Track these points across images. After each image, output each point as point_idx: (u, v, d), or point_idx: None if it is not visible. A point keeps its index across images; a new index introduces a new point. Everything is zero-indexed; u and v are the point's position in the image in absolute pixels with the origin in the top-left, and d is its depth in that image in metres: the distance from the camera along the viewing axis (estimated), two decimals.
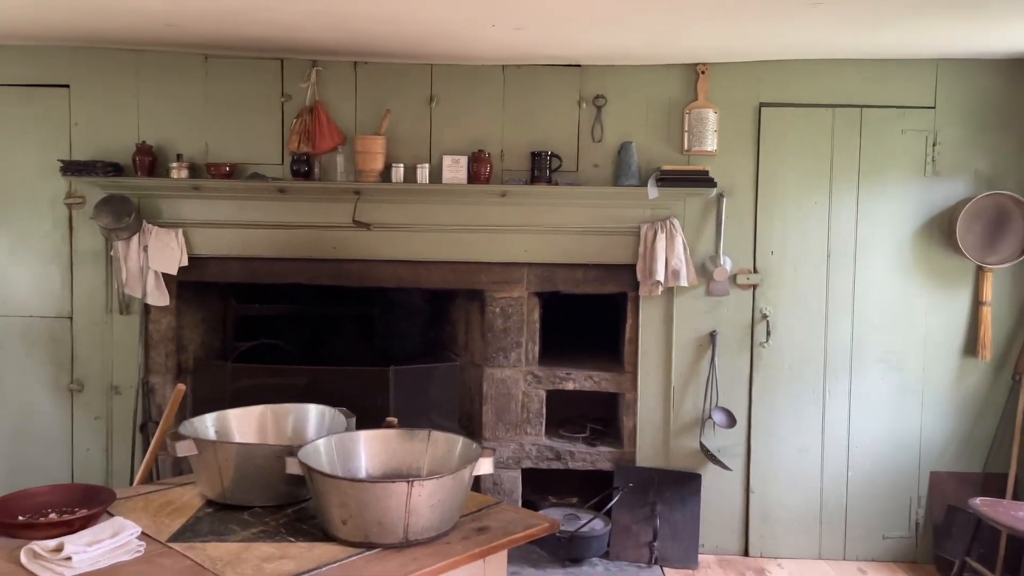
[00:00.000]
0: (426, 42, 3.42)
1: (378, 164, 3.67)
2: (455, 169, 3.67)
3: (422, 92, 3.78)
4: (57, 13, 3.18)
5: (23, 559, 1.48)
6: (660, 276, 3.62)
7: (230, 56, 3.75)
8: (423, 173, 3.67)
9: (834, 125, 3.73)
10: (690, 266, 3.68)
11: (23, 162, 3.80)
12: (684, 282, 3.65)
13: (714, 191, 3.69)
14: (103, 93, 3.77)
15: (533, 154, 3.69)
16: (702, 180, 3.62)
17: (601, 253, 3.77)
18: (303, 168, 3.70)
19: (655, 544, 3.68)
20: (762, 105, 3.74)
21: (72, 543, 1.50)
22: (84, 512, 1.66)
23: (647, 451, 3.82)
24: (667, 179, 3.60)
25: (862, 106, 3.72)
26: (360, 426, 2.06)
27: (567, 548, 3.60)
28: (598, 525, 3.70)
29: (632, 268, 3.75)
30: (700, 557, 3.74)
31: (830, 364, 3.78)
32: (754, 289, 3.78)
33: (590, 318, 4.31)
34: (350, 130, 3.76)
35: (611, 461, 3.84)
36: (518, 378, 3.88)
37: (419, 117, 3.78)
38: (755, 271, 3.77)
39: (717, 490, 3.80)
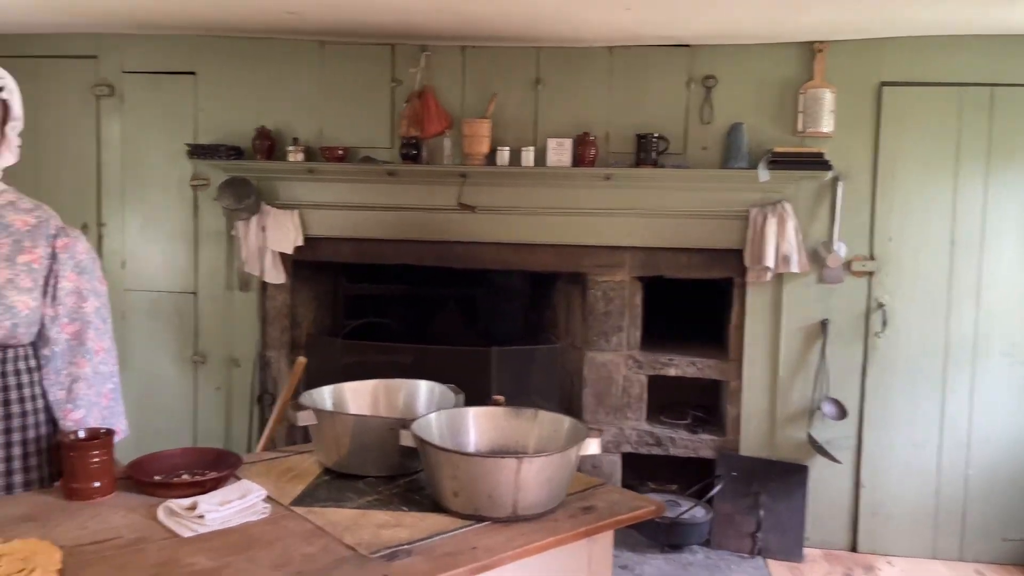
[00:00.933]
0: (533, 24, 3.43)
1: (484, 147, 3.72)
2: (560, 152, 3.67)
3: (528, 75, 3.79)
4: (186, 3, 3.35)
5: (160, 515, 1.59)
6: (769, 262, 3.53)
7: (344, 43, 3.87)
8: (528, 156, 3.69)
9: (961, 105, 3.53)
10: (802, 252, 3.57)
11: (154, 146, 4.04)
12: (795, 268, 3.54)
13: (829, 174, 3.55)
14: (226, 80, 3.96)
15: (639, 136, 3.65)
16: (817, 163, 3.49)
17: (707, 237, 3.70)
18: (412, 151, 3.79)
19: (758, 535, 3.61)
20: (883, 84, 3.57)
21: (205, 502, 1.60)
22: (214, 474, 1.76)
23: (751, 440, 3.75)
24: (779, 162, 3.49)
25: (992, 84, 3.50)
26: (465, 405, 2.11)
27: (667, 534, 3.58)
28: (699, 512, 3.66)
29: (739, 253, 3.66)
30: (805, 550, 3.65)
31: (951, 357, 3.60)
32: (870, 277, 3.63)
33: (691, 303, 4.24)
34: (457, 114, 3.82)
35: (713, 449, 3.79)
36: (619, 362, 3.87)
37: (525, 100, 3.80)
38: (871, 258, 3.62)
39: (824, 483, 3.69)
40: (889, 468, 3.67)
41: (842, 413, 3.65)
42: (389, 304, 4.51)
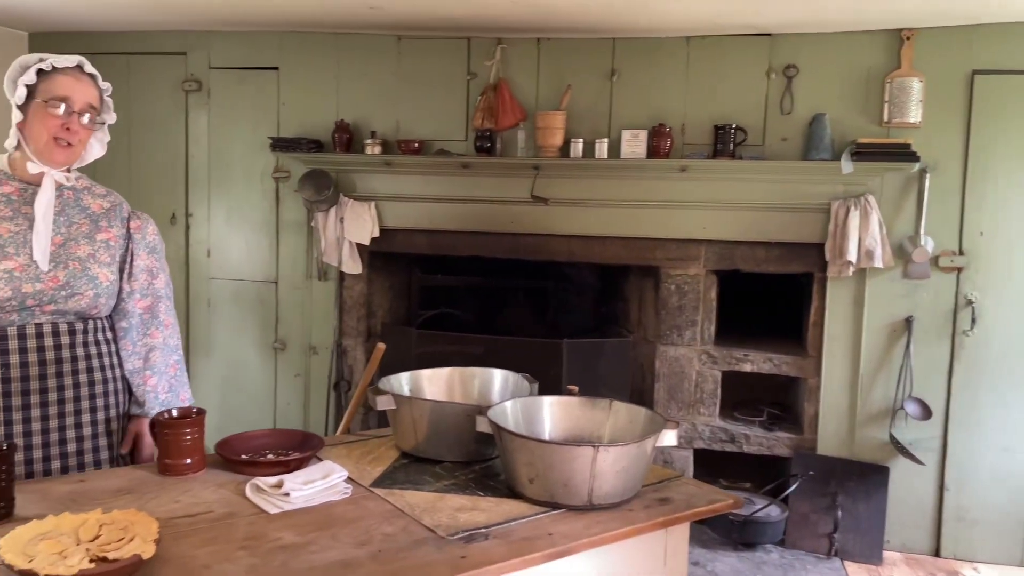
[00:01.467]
0: (610, 15, 3.40)
1: (557, 139, 3.72)
2: (634, 144, 3.64)
3: (603, 66, 3.77)
4: (271, 0, 3.45)
5: (248, 492, 1.65)
6: (852, 256, 3.43)
7: (421, 36, 3.92)
8: (601, 148, 3.67)
9: None
10: (886, 246, 3.46)
11: (238, 138, 4.17)
12: (878, 263, 3.43)
13: (916, 166, 3.43)
14: (307, 74, 4.06)
15: (716, 127, 3.59)
16: (903, 154, 3.37)
17: (786, 231, 3.61)
18: (486, 144, 3.82)
19: (835, 536, 3.52)
20: (975, 73, 3.42)
21: (290, 481, 1.65)
22: (298, 455, 1.82)
23: (829, 439, 3.65)
24: (863, 153, 3.39)
25: None
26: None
27: (740, 531, 3.53)
28: (774, 511, 3.59)
29: (819, 247, 3.57)
30: (885, 553, 3.54)
31: None
32: (959, 272, 3.49)
33: (766, 298, 4.16)
34: (531, 106, 3.83)
35: (789, 447, 3.71)
36: (692, 357, 3.82)
37: (599, 92, 3.78)
38: (960, 253, 3.48)
39: (907, 485, 3.58)
40: (976, 471, 3.53)
41: (927, 413, 3.52)
42: (461, 295, 4.56)
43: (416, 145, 3.86)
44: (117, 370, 2.03)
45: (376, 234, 3.98)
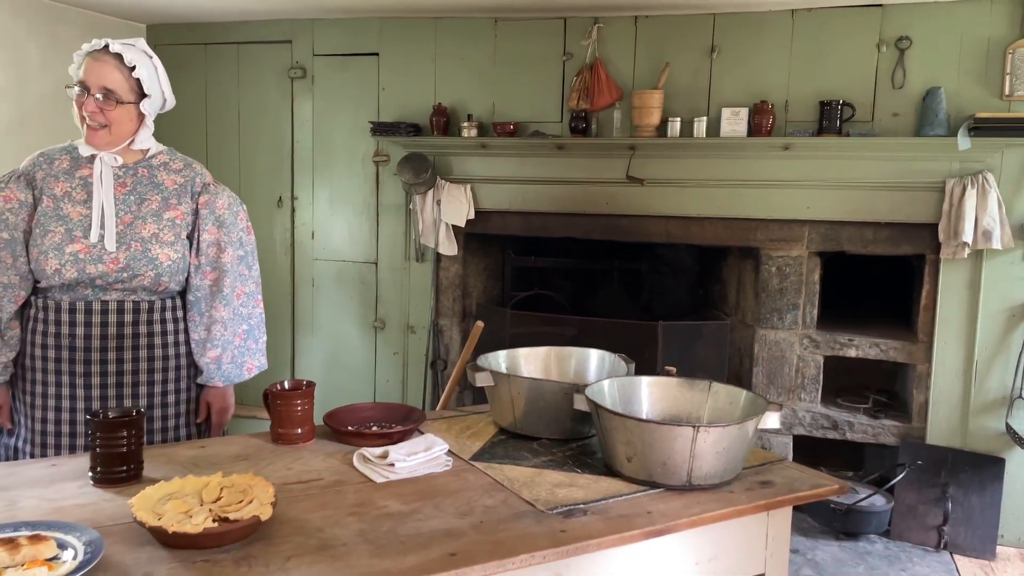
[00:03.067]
0: None
1: (654, 119, 3.67)
2: (734, 122, 3.55)
3: (703, 43, 3.69)
4: None
5: (355, 462, 1.72)
6: (967, 237, 3.25)
7: (517, 19, 3.93)
8: (700, 127, 3.60)
9: None
10: (1005, 226, 3.26)
11: (340, 123, 4.30)
12: (997, 244, 3.24)
13: None
14: (406, 59, 4.14)
15: (822, 104, 3.46)
16: None
17: (896, 210, 3.46)
18: (581, 125, 3.80)
19: (945, 528, 3.38)
20: None
21: (394, 452, 1.71)
22: (401, 428, 1.89)
23: (940, 428, 3.50)
24: (982, 128, 3.20)
25: None
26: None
27: (843, 521, 3.43)
28: (879, 501, 3.47)
29: (932, 227, 3.40)
30: (998, 548, 3.37)
31: None
32: None
33: (872, 281, 4.00)
34: (628, 85, 3.79)
35: (896, 436, 3.57)
36: (793, 341, 3.72)
37: (699, 69, 3.71)
38: None
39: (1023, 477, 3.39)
40: None
41: None
42: (555, 276, 4.57)
43: (511, 127, 3.89)
44: (183, 347, 2.09)
45: (472, 216, 4.03)
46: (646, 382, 1.96)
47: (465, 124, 3.95)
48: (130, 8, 4.09)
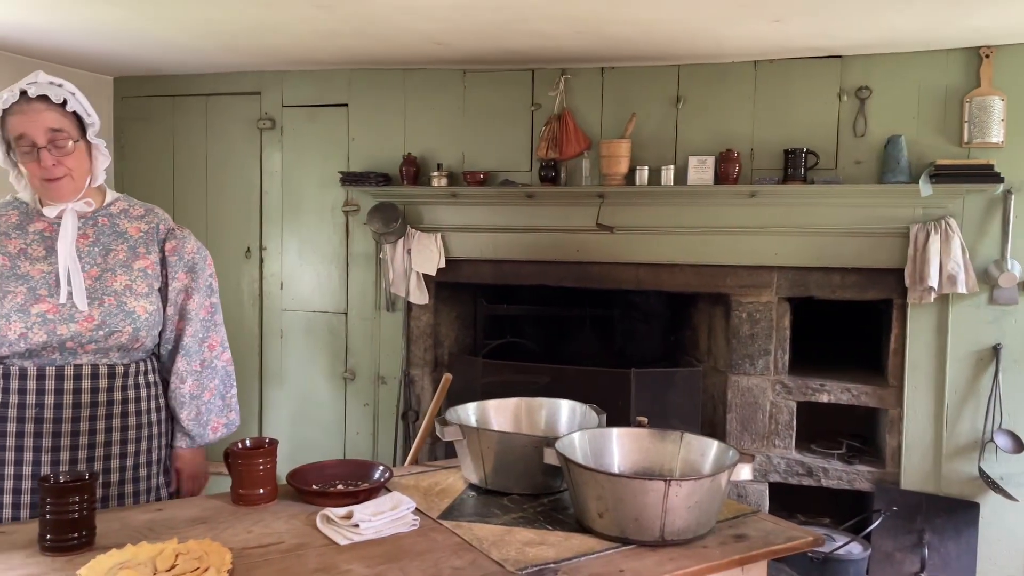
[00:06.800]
0: (675, 43, 3.39)
1: (622, 167, 3.70)
2: (701, 170, 3.60)
3: (668, 93, 3.75)
4: (341, 40, 3.55)
5: (319, 523, 1.66)
6: (933, 282, 3.29)
7: (486, 70, 3.97)
8: (668, 175, 3.64)
9: None
10: (969, 271, 3.31)
11: (310, 173, 4.29)
12: (962, 289, 3.29)
13: (1000, 187, 3.29)
14: (375, 110, 4.15)
15: (786, 152, 3.52)
16: (986, 175, 3.24)
17: (862, 256, 3.50)
18: (550, 173, 3.82)
19: (923, 575, 3.34)
20: None
21: (359, 512, 1.66)
22: (367, 485, 1.83)
23: (914, 473, 3.49)
24: (943, 175, 3.27)
25: None
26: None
27: (820, 570, 3.38)
28: (856, 548, 3.44)
29: (898, 272, 3.44)
30: None
31: None
32: None
33: (841, 326, 4.02)
34: (596, 135, 3.82)
35: (870, 481, 3.55)
36: (765, 387, 3.71)
37: (665, 119, 3.76)
38: None
39: (999, 522, 3.38)
40: None
41: (1018, 446, 3.33)
42: (527, 324, 4.55)
43: (481, 176, 3.90)
44: (157, 413, 1.98)
45: (442, 265, 4.02)
46: (617, 434, 1.93)
47: (435, 173, 3.96)
48: (96, 61, 4.07)
